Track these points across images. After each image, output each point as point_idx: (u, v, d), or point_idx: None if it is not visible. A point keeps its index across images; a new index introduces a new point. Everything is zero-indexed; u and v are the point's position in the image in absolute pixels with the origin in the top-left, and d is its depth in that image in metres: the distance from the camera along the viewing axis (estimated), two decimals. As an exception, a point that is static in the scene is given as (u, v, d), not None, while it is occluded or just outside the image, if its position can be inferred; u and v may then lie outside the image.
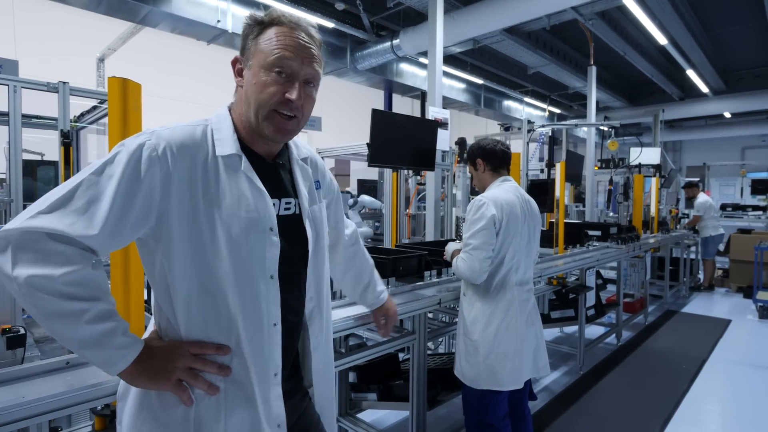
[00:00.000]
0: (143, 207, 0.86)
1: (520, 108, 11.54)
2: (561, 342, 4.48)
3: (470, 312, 2.02)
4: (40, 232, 0.79)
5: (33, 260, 0.78)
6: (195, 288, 0.91)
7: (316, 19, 6.12)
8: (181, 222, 0.89)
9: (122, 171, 0.85)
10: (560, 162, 3.90)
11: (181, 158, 0.90)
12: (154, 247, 0.91)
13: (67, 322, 0.80)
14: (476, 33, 6.01)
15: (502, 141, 2.15)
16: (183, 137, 0.92)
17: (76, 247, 0.82)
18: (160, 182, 0.87)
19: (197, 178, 0.91)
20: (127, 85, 1.34)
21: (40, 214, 0.80)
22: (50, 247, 0.79)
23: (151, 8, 4.90)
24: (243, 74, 0.99)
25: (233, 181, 0.94)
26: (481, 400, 1.98)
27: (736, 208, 9.41)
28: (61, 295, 0.79)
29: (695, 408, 3.20)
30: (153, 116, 5.32)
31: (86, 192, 0.83)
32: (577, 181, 5.42)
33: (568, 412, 3.10)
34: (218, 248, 0.91)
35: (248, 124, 0.98)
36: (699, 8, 7.63)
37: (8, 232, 0.78)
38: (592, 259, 3.80)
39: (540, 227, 2.17)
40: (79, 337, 0.81)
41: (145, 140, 0.88)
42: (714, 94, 10.95)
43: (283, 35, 0.95)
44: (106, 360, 0.85)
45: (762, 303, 5.55)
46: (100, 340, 0.82)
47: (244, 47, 0.99)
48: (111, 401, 1.23)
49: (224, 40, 6.03)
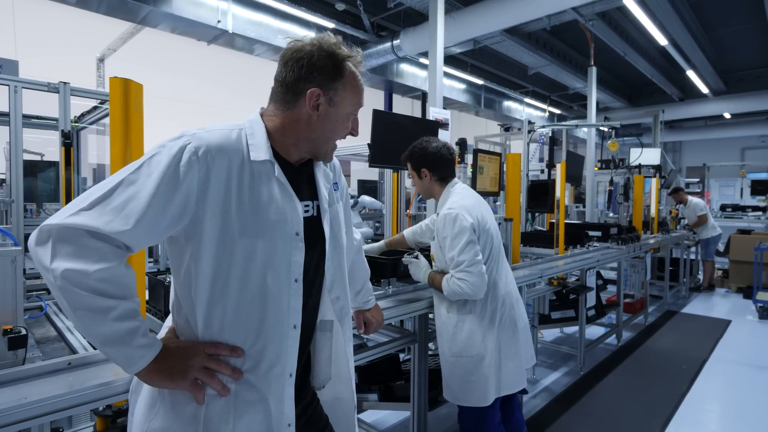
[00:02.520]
0: (179, 208, 0.89)
1: (521, 108, 11.55)
2: (561, 342, 4.48)
3: (448, 327, 1.91)
4: (80, 228, 0.82)
5: (70, 254, 0.81)
6: (218, 289, 0.93)
7: (316, 19, 6.13)
8: (212, 224, 0.91)
9: (162, 172, 0.87)
10: (561, 162, 3.90)
11: (218, 161, 0.92)
12: (184, 246, 0.93)
13: (95, 318, 0.83)
14: (477, 33, 6.01)
15: (445, 143, 1.98)
16: (221, 141, 0.94)
17: (111, 245, 0.85)
18: (198, 185, 0.90)
19: (232, 182, 0.93)
20: (129, 86, 1.34)
21: (81, 211, 0.83)
22: (87, 243, 0.83)
23: (152, 8, 4.90)
24: (320, 109, 1.02)
25: (265, 186, 0.97)
26: (478, 415, 1.93)
27: (736, 208, 9.41)
28: (93, 291, 0.82)
29: (695, 408, 3.20)
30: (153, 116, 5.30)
31: (125, 191, 0.86)
32: (578, 181, 5.42)
33: (569, 413, 3.10)
34: (246, 251, 0.94)
35: (307, 145, 1.04)
36: (699, 9, 7.64)
37: (50, 227, 0.82)
38: (592, 260, 3.80)
39: None
40: (103, 333, 0.83)
41: (186, 143, 0.91)
42: (714, 95, 10.97)
43: (358, 81, 1.06)
44: (126, 358, 0.86)
45: (762, 303, 5.55)
46: (123, 338, 0.85)
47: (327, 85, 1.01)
48: (113, 402, 1.23)
49: (224, 41, 6.03)
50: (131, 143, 1.34)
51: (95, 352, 1.29)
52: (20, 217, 2.27)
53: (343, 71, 1.02)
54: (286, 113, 1.02)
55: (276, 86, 1.04)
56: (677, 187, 7.42)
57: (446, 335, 1.94)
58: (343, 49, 1.02)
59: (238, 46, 6.27)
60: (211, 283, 0.93)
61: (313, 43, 1.00)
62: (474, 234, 1.83)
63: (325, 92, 1.01)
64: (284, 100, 1.03)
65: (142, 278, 1.39)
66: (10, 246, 1.50)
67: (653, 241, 5.49)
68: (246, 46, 6.32)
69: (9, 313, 1.34)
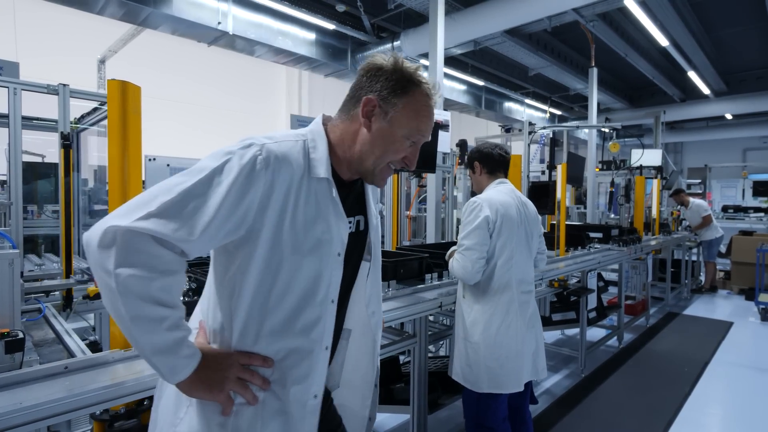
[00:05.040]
0: (240, 219, 0.87)
1: (521, 110, 11.53)
2: (562, 344, 4.46)
3: (470, 314, 2.01)
4: (147, 234, 0.80)
5: (136, 262, 0.79)
6: (259, 302, 0.93)
7: (316, 20, 6.13)
8: (266, 237, 0.90)
9: (232, 182, 0.86)
10: (561, 164, 3.89)
11: (282, 174, 0.91)
12: (233, 255, 0.92)
13: (148, 327, 0.81)
14: (477, 35, 6.00)
15: (501, 145, 2.18)
16: (287, 153, 0.93)
17: (174, 252, 0.84)
18: (260, 197, 0.88)
19: (290, 196, 0.92)
20: (127, 88, 1.33)
21: (150, 215, 0.81)
22: (154, 250, 0.81)
23: (152, 10, 4.90)
24: (373, 120, 0.98)
25: (319, 204, 0.96)
26: (481, 403, 1.97)
27: (738, 209, 9.39)
28: (152, 300, 0.80)
29: (697, 411, 3.18)
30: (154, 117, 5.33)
31: (194, 198, 0.84)
32: (579, 183, 5.41)
33: (570, 416, 3.08)
34: (292, 268, 0.93)
35: (357, 162, 1.01)
36: (700, 10, 7.62)
37: (116, 229, 0.79)
38: (593, 262, 3.79)
39: (539, 229, 2.16)
40: (155, 343, 0.82)
41: (257, 153, 0.89)
42: (715, 96, 10.94)
43: (425, 107, 1.00)
44: (171, 368, 0.85)
45: (764, 305, 5.53)
46: (172, 348, 0.83)
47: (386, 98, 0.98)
48: (110, 406, 1.22)
49: (225, 42, 6.02)
50: (129, 145, 1.33)
51: (93, 356, 1.29)
52: (19, 219, 2.27)
53: (407, 89, 0.98)
54: (344, 123, 1.01)
55: (346, 96, 1.04)
56: (679, 188, 7.40)
57: (459, 316, 2.08)
58: (418, 73, 0.99)
59: (239, 47, 6.26)
60: (253, 295, 0.92)
61: (391, 59, 0.99)
62: (487, 226, 1.94)
63: (381, 104, 0.97)
64: (345, 108, 1.02)
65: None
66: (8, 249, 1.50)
67: (654, 243, 5.47)
68: (246, 48, 6.32)
69: (6, 316, 1.33)
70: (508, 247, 1.97)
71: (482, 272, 1.96)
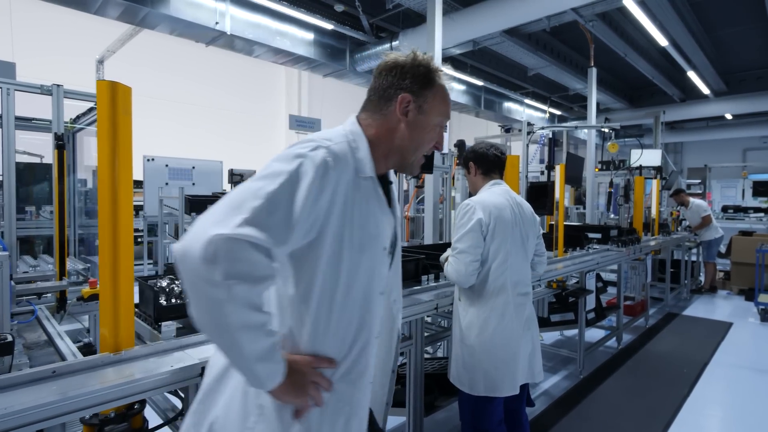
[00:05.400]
0: (314, 220, 0.90)
1: (521, 110, 11.52)
2: (561, 345, 4.45)
3: (465, 317, 1.99)
4: (246, 241, 0.80)
5: (240, 270, 0.79)
6: (326, 303, 0.96)
7: (315, 21, 6.12)
8: (331, 237, 0.94)
9: (309, 184, 0.88)
10: (560, 164, 3.87)
11: (343, 175, 0.95)
12: (300, 260, 0.94)
13: (254, 335, 0.83)
14: (476, 35, 5.99)
15: (497, 145, 2.15)
16: (344, 153, 0.96)
17: (268, 257, 0.84)
18: (329, 198, 0.92)
19: (348, 196, 0.95)
20: (117, 89, 1.32)
21: (246, 222, 0.81)
22: (253, 257, 0.81)
23: (149, 10, 4.89)
24: (409, 115, 1.04)
25: (369, 201, 1.00)
26: (476, 406, 1.95)
27: (738, 210, 9.37)
28: (254, 307, 0.82)
29: (696, 413, 3.17)
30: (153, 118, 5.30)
31: (280, 203, 0.86)
32: (578, 183, 5.39)
33: (568, 417, 3.07)
34: (351, 265, 0.97)
35: (398, 156, 1.06)
36: (700, 9, 7.61)
37: (219, 237, 0.79)
38: (591, 262, 3.77)
39: (536, 230, 2.13)
40: (259, 350, 0.83)
41: (326, 156, 0.92)
42: (715, 96, 10.93)
43: (447, 95, 1.09)
44: (271, 373, 0.87)
45: (764, 306, 5.52)
46: (270, 353, 0.85)
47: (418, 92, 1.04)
48: (99, 410, 1.21)
49: (223, 42, 6.01)
50: (119, 146, 1.31)
51: (82, 360, 1.27)
52: (12, 220, 2.26)
53: (434, 80, 1.05)
54: (379, 121, 1.05)
55: (369, 96, 1.08)
56: (678, 188, 7.39)
57: (455, 318, 2.07)
58: (434, 63, 1.07)
59: (238, 47, 6.25)
60: (320, 296, 0.95)
61: (408, 55, 1.05)
62: (480, 228, 1.92)
63: (415, 99, 1.03)
64: (377, 108, 1.06)
65: (131, 281, 1.36)
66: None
67: (654, 243, 5.46)
68: (245, 48, 6.31)
69: (-5, 319, 1.32)
70: (502, 249, 1.95)
71: (476, 275, 1.94)
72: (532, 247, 2.10)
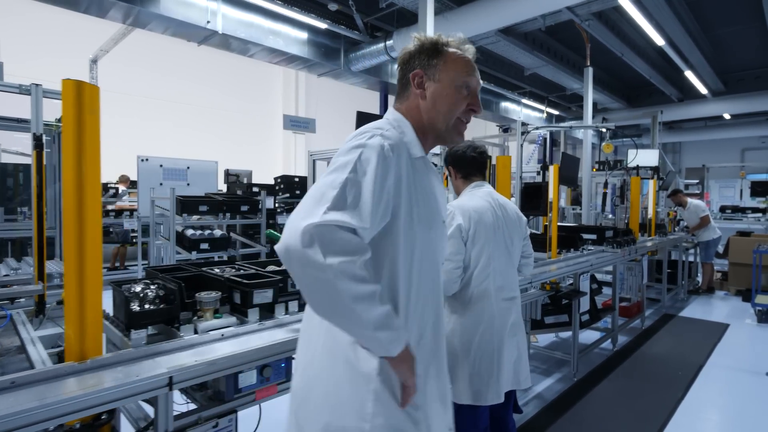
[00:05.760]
0: (386, 202, 0.98)
1: (518, 110, 11.48)
2: (555, 348, 4.41)
3: (448, 324, 1.93)
4: (333, 224, 0.88)
5: (337, 250, 0.87)
6: (412, 281, 1.04)
7: (309, 20, 6.08)
8: (403, 216, 1.01)
9: (375, 169, 0.95)
10: (554, 165, 3.83)
11: (402, 158, 1.02)
12: (380, 244, 1.00)
13: (368, 304, 0.88)
14: (470, 33, 5.93)
15: (476, 144, 2.06)
16: (397, 138, 1.04)
17: (358, 237, 0.92)
18: (395, 179, 0.99)
19: (409, 175, 1.03)
20: (83, 88, 1.27)
21: (329, 210, 0.89)
22: (344, 236, 0.89)
23: (140, 9, 4.83)
24: (426, 86, 1.11)
25: (425, 179, 1.09)
26: (460, 415, 1.90)
27: (736, 210, 9.34)
28: (360, 279, 0.87)
29: (690, 416, 3.12)
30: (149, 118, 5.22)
31: (352, 189, 0.93)
32: (573, 183, 5.34)
33: (560, 421, 3.02)
34: (424, 241, 1.06)
35: (431, 129, 1.12)
36: (697, 9, 7.57)
37: (310, 227, 0.87)
38: (586, 264, 3.73)
39: (522, 231, 2.07)
40: (376, 317, 0.89)
41: (383, 141, 0.99)
42: (713, 96, 10.89)
43: (461, 57, 1.12)
44: (393, 339, 0.92)
45: (761, 307, 5.48)
46: (387, 320, 0.90)
47: (426, 64, 1.11)
48: (61, 422, 1.16)
49: (215, 41, 5.96)
50: (85, 147, 1.27)
51: (43, 369, 1.23)
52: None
53: (441, 50, 1.11)
54: (404, 104, 1.14)
55: (397, 88, 1.18)
56: (676, 189, 7.34)
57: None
58: (442, 36, 1.13)
59: (232, 47, 6.20)
60: (407, 276, 1.02)
61: (416, 40, 1.14)
62: (460, 234, 1.87)
63: (425, 71, 1.11)
64: (402, 94, 1.15)
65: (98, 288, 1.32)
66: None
67: (650, 244, 5.41)
68: (239, 47, 6.26)
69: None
70: (484, 254, 1.89)
71: (459, 282, 1.88)
72: (517, 249, 2.03)
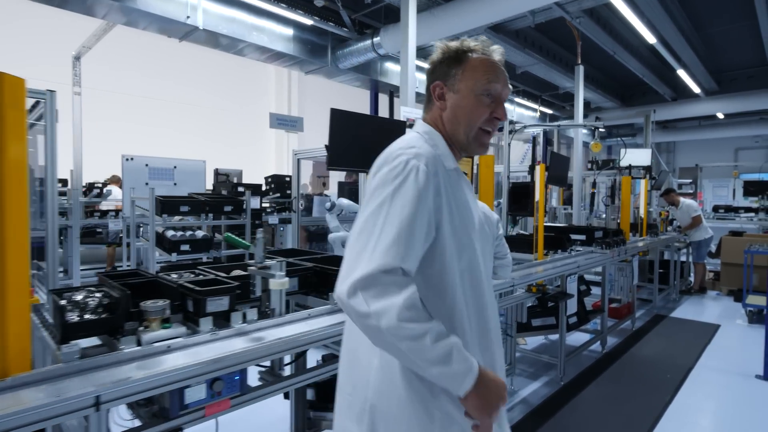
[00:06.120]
0: (429, 224, 0.97)
1: (511, 108, 11.40)
2: (543, 351, 4.32)
3: None
4: (375, 272, 0.88)
5: (377, 295, 0.87)
6: (464, 300, 1.02)
7: (295, 16, 5.96)
8: (447, 231, 1.00)
9: (413, 198, 0.94)
10: (540, 164, 3.73)
11: (438, 174, 1.00)
12: (429, 261, 0.99)
13: (417, 344, 0.86)
14: (458, 30, 5.83)
15: None
16: (431, 154, 1.01)
17: (400, 275, 0.89)
18: (434, 200, 0.98)
19: (447, 191, 1.02)
20: (3, 80, 1.16)
21: (370, 258, 0.89)
22: (384, 280, 0.88)
23: (113, 3, 4.67)
24: (446, 98, 1.09)
25: (460, 192, 1.07)
26: None
27: (729, 209, 9.29)
28: (406, 320, 0.86)
29: (677, 421, 3.05)
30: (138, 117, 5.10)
31: (392, 226, 0.92)
32: (562, 183, 5.25)
33: (544, 427, 2.94)
34: (469, 249, 1.04)
35: (455, 141, 1.10)
36: (689, 7, 7.50)
37: (355, 281, 0.88)
38: (573, 265, 3.64)
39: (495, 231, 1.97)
40: (428, 357, 0.87)
41: (418, 163, 0.97)
42: (706, 95, 10.84)
43: (484, 62, 1.08)
44: (453, 377, 0.89)
45: (752, 307, 5.41)
46: (443, 359, 0.88)
47: (446, 74, 1.09)
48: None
49: (197, 38, 5.81)
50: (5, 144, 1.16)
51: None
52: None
53: (461, 58, 1.07)
54: (430, 115, 1.13)
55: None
56: (669, 188, 7.28)
57: None
58: (464, 42, 1.09)
59: (214, 43, 6.06)
60: (455, 289, 1.01)
61: (438, 50, 1.11)
62: None
63: (445, 81, 1.09)
64: (426, 106, 1.14)
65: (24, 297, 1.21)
66: None
67: (641, 244, 5.34)
68: (222, 44, 6.12)
69: None
70: None
71: None
72: (489, 252, 1.93)
